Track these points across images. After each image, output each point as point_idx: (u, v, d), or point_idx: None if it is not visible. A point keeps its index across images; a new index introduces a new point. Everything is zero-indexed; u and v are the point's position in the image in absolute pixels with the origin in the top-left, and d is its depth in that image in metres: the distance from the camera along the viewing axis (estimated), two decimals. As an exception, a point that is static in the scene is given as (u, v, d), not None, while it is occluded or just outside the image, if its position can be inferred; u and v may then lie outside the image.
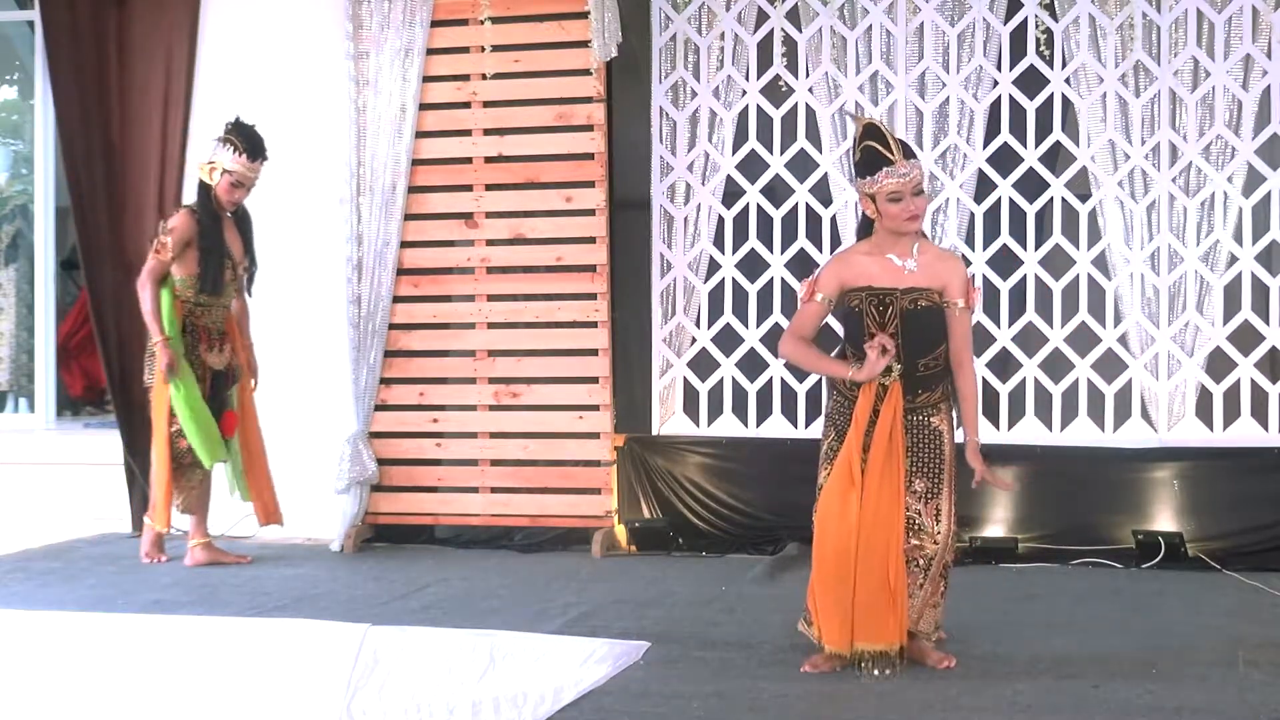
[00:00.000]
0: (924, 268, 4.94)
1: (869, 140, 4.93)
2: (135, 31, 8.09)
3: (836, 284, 5.00)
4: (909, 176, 4.87)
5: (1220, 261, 7.22)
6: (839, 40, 7.53)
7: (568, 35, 7.51)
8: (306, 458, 7.70)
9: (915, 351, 4.93)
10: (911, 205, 4.88)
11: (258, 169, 7.03)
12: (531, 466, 7.67)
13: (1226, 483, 7.09)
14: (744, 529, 7.48)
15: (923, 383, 4.96)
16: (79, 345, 9.69)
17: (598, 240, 7.53)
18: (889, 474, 4.87)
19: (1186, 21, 7.18)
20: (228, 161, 6.96)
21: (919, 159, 5.07)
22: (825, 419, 5.14)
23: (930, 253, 5.01)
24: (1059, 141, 7.36)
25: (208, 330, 7.00)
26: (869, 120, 5.09)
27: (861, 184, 4.94)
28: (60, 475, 8.25)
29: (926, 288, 4.92)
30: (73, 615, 5.91)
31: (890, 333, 4.91)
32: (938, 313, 4.95)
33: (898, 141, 4.92)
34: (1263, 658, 5.04)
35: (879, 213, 4.92)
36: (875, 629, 4.83)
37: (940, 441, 4.97)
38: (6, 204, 9.97)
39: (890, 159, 4.87)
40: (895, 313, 4.91)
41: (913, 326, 4.91)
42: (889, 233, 4.94)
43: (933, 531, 4.93)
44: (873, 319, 4.93)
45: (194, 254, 6.94)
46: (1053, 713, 4.46)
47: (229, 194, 7.00)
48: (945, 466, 4.97)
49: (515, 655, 5.16)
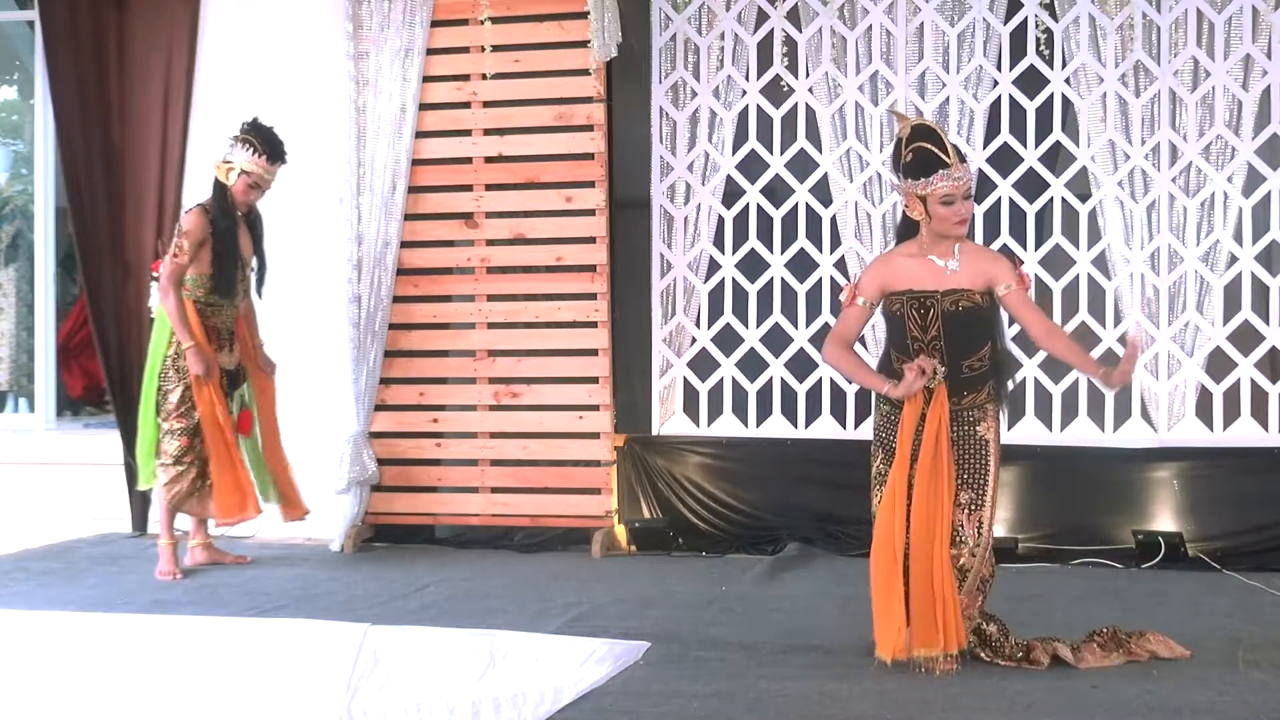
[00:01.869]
0: (965, 267, 4.95)
1: (921, 141, 4.92)
2: (135, 31, 8.09)
3: (878, 287, 5.02)
4: (962, 180, 4.89)
5: (1220, 261, 7.22)
6: (839, 40, 7.53)
7: (568, 35, 7.52)
8: (306, 458, 7.70)
9: (959, 353, 4.93)
10: (962, 209, 4.90)
11: (275, 171, 6.97)
12: (531, 466, 7.67)
13: (1226, 483, 7.09)
14: (744, 529, 7.48)
15: (968, 384, 4.96)
16: (79, 345, 9.68)
17: (598, 240, 7.53)
18: (936, 483, 4.86)
19: (1186, 21, 7.18)
20: (246, 162, 6.89)
21: (969, 162, 5.04)
22: (874, 436, 5.11)
23: (972, 252, 5.02)
24: (1059, 141, 7.36)
25: (217, 330, 6.94)
26: (920, 120, 5.10)
27: (912, 185, 4.92)
28: (60, 475, 8.25)
29: (968, 288, 4.93)
30: (73, 615, 5.91)
31: (932, 335, 4.92)
32: (980, 313, 4.95)
33: (951, 144, 4.92)
34: (1263, 658, 5.04)
35: (928, 214, 4.91)
36: (929, 635, 4.81)
37: (986, 452, 4.98)
38: (6, 204, 9.97)
39: (946, 161, 4.86)
40: (936, 315, 4.92)
41: (955, 328, 4.92)
42: (934, 235, 4.95)
43: (972, 544, 4.94)
44: (914, 322, 4.94)
45: (207, 254, 6.88)
46: (1053, 713, 4.46)
47: (245, 195, 6.95)
48: (990, 479, 4.97)
49: (515, 655, 5.16)
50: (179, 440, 6.88)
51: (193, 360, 6.76)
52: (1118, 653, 4.99)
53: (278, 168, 6.98)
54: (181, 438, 6.88)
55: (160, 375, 6.89)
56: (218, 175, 6.96)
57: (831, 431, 7.50)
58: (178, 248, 6.83)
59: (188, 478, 6.91)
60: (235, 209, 6.97)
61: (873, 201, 7.48)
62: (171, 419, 6.87)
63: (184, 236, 6.85)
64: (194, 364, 6.76)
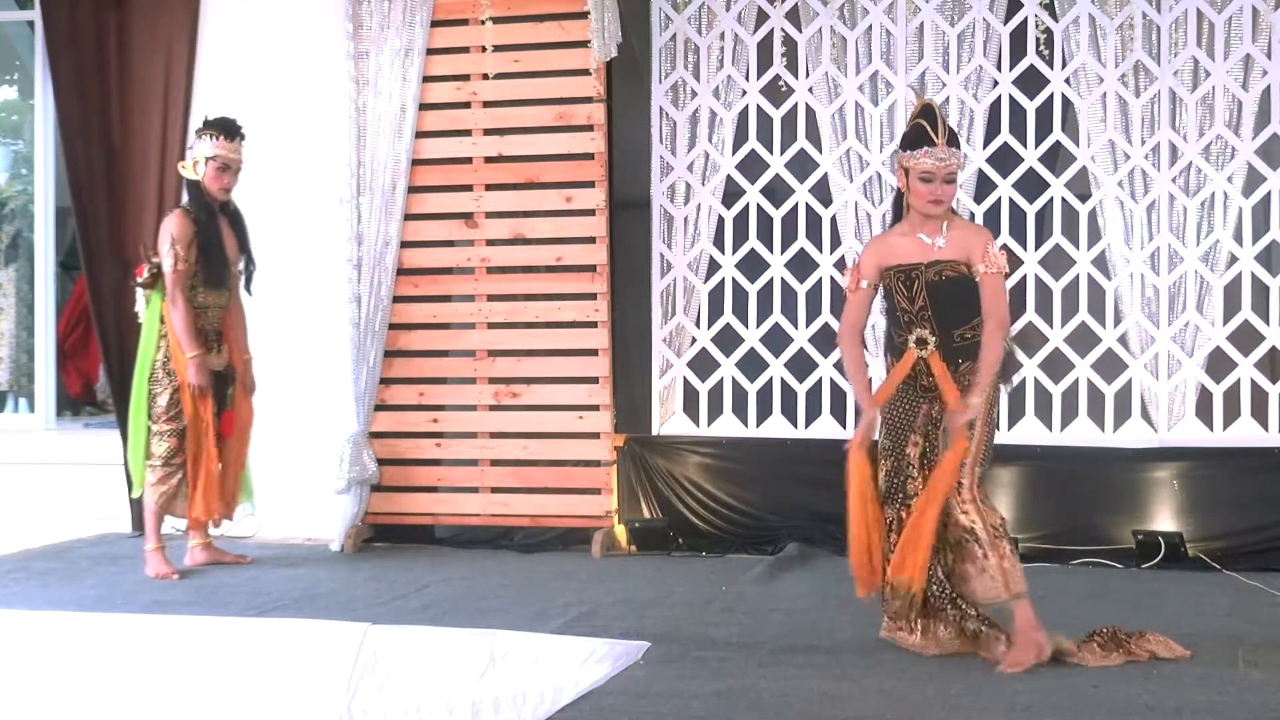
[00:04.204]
0: (951, 242, 5.11)
1: (920, 118, 5.13)
2: (135, 31, 8.09)
3: (874, 266, 5.21)
4: (945, 162, 5.05)
5: (1220, 261, 7.22)
6: (839, 40, 7.53)
7: (568, 35, 7.52)
8: (306, 458, 7.71)
9: (949, 322, 5.09)
10: (938, 190, 5.06)
11: (238, 148, 6.93)
12: (531, 466, 7.67)
13: (1226, 483, 7.09)
14: (744, 529, 7.48)
15: (962, 352, 5.10)
16: (74, 345, 9.69)
17: (598, 240, 7.53)
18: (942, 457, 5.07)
19: (1186, 21, 7.18)
20: (207, 149, 6.88)
21: (961, 151, 5.17)
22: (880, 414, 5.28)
23: (959, 227, 5.18)
24: (1059, 141, 7.37)
25: (204, 332, 6.90)
26: (928, 101, 5.29)
27: (900, 156, 5.15)
28: (60, 475, 8.24)
29: (951, 259, 5.08)
30: (73, 615, 5.91)
31: (920, 306, 5.08)
32: (966, 283, 5.09)
33: (946, 127, 5.08)
34: (1263, 658, 5.04)
35: (908, 188, 5.10)
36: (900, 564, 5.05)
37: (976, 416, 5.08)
38: (6, 204, 9.97)
39: (933, 140, 5.04)
40: (921, 286, 5.08)
41: (941, 297, 5.08)
42: (918, 213, 5.12)
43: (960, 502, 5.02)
44: (902, 294, 5.11)
45: (193, 252, 6.86)
46: (1053, 713, 4.46)
47: (218, 180, 6.90)
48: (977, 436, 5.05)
49: (515, 655, 5.16)
50: (168, 442, 6.85)
51: (195, 372, 6.76)
52: (1117, 653, 5.01)
53: (239, 143, 6.94)
54: (170, 439, 6.85)
55: (150, 379, 6.88)
56: (185, 174, 6.96)
57: (831, 431, 7.49)
58: (174, 255, 6.76)
59: (174, 479, 6.86)
60: (212, 202, 6.93)
61: (873, 201, 7.48)
62: (161, 421, 6.84)
63: (176, 243, 6.77)
64: (196, 375, 6.77)
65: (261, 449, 7.36)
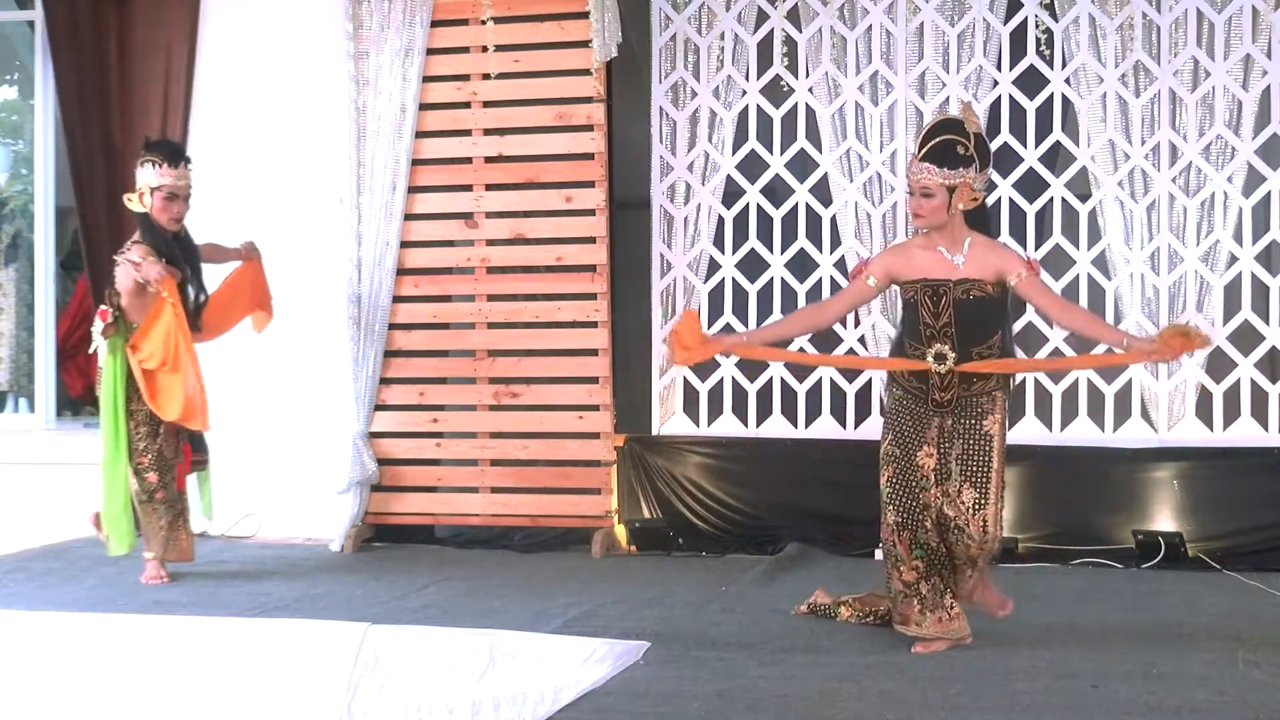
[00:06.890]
0: (972, 260, 5.16)
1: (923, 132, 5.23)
2: (135, 31, 8.10)
3: (885, 271, 5.28)
4: (914, 176, 5.14)
5: (1220, 261, 7.22)
6: (839, 40, 7.53)
7: (568, 35, 7.52)
8: (306, 458, 7.71)
9: (969, 339, 5.14)
10: (911, 202, 5.17)
11: (185, 174, 6.55)
12: (531, 466, 7.67)
13: (1226, 483, 7.09)
14: (744, 529, 7.48)
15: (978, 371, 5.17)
16: (77, 345, 9.68)
17: (598, 240, 7.53)
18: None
19: (1186, 21, 7.18)
20: (152, 179, 6.48)
21: (937, 166, 5.10)
22: (884, 418, 5.34)
23: (979, 245, 5.22)
24: (1059, 141, 7.37)
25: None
26: (943, 116, 5.35)
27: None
28: (60, 475, 8.23)
29: (978, 279, 5.14)
30: (73, 615, 5.91)
31: (944, 322, 5.14)
32: (990, 303, 5.17)
33: (929, 144, 5.11)
34: (1263, 658, 5.04)
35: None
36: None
37: (990, 449, 5.19)
38: (6, 204, 9.96)
39: (914, 154, 5.15)
40: (948, 303, 5.14)
41: (965, 315, 5.14)
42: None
43: (980, 540, 5.17)
44: (927, 309, 5.16)
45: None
46: (1053, 713, 4.46)
47: (166, 210, 6.49)
48: (993, 476, 5.18)
49: (515, 655, 5.16)
50: (147, 476, 6.63)
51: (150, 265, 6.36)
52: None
53: (185, 169, 6.57)
54: (149, 474, 6.62)
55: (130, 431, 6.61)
56: (132, 207, 6.56)
57: (831, 431, 7.50)
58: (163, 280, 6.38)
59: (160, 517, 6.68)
60: (164, 231, 6.52)
61: (873, 201, 7.48)
62: (136, 457, 6.61)
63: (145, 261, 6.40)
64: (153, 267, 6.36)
65: (261, 449, 7.36)
